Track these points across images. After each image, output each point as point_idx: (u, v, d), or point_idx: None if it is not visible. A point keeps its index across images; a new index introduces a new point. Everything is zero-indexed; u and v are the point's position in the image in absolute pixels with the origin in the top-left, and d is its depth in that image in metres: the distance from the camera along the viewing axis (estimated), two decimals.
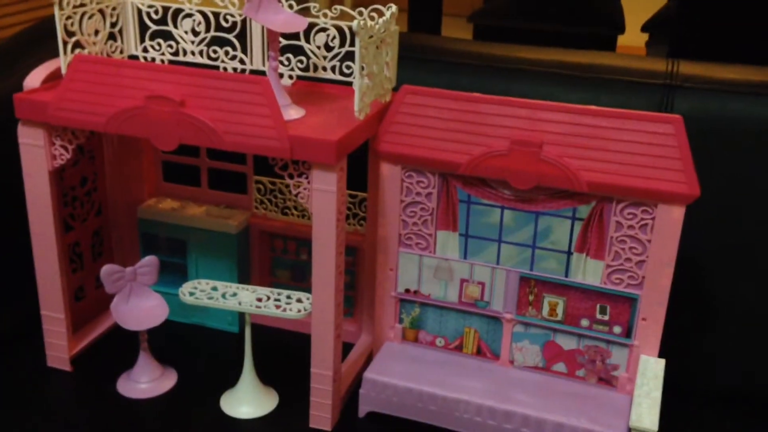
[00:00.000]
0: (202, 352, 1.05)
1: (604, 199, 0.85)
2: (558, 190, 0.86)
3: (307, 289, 0.89)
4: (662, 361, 0.87)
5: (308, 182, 0.82)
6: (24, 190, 0.93)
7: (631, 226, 0.85)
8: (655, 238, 0.84)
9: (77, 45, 0.92)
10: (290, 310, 0.90)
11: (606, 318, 0.89)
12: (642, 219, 0.84)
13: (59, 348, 0.99)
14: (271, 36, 0.88)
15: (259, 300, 0.92)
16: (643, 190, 0.82)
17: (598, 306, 0.89)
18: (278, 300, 0.92)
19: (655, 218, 0.83)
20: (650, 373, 0.86)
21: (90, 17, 0.94)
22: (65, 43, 0.90)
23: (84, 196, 1.03)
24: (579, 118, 0.84)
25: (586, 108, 0.84)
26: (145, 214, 1.08)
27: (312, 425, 0.91)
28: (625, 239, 0.85)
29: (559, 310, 0.91)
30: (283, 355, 1.01)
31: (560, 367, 0.93)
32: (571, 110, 0.84)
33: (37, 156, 0.90)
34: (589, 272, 0.88)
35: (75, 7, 0.90)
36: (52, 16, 0.89)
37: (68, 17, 0.90)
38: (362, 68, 0.81)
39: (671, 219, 0.83)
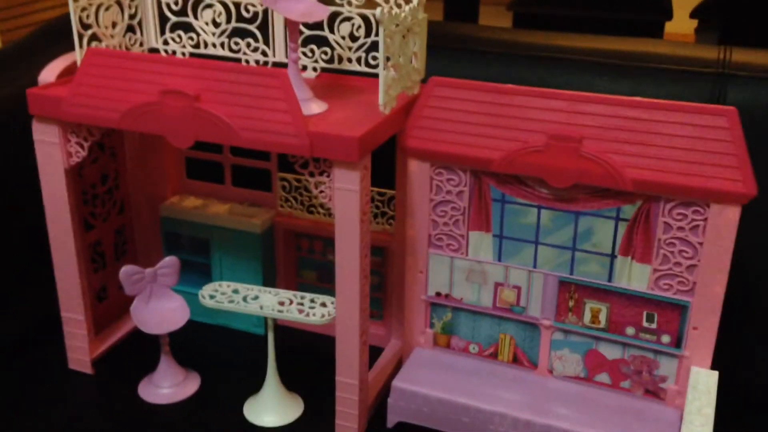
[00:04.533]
0: (226, 355, 1.01)
1: (651, 198, 0.78)
2: (600, 189, 0.80)
3: (334, 290, 0.84)
4: (715, 374, 0.81)
5: (330, 181, 0.77)
6: (41, 189, 0.90)
7: (680, 228, 0.78)
8: (707, 241, 0.77)
9: (94, 38, 0.89)
10: (313, 315, 0.85)
11: (653, 326, 0.83)
12: (693, 220, 0.77)
13: (80, 350, 0.96)
14: (291, 26, 0.83)
15: (282, 304, 0.87)
16: (694, 189, 0.75)
17: (644, 313, 0.83)
18: (301, 304, 0.87)
19: (707, 219, 0.76)
20: (702, 387, 0.79)
21: (107, 9, 0.90)
22: (81, 36, 0.86)
23: (105, 194, 1.00)
24: (622, 110, 0.77)
25: (630, 99, 0.77)
26: (168, 212, 1.05)
27: None
28: (675, 242, 0.79)
29: (602, 317, 0.85)
30: (309, 359, 0.97)
31: (603, 377, 0.87)
32: (613, 102, 0.78)
33: (53, 153, 0.87)
34: (634, 277, 0.82)
35: None
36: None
37: (83, 9, 0.86)
38: (387, 59, 0.76)
39: (725, 220, 0.76)
